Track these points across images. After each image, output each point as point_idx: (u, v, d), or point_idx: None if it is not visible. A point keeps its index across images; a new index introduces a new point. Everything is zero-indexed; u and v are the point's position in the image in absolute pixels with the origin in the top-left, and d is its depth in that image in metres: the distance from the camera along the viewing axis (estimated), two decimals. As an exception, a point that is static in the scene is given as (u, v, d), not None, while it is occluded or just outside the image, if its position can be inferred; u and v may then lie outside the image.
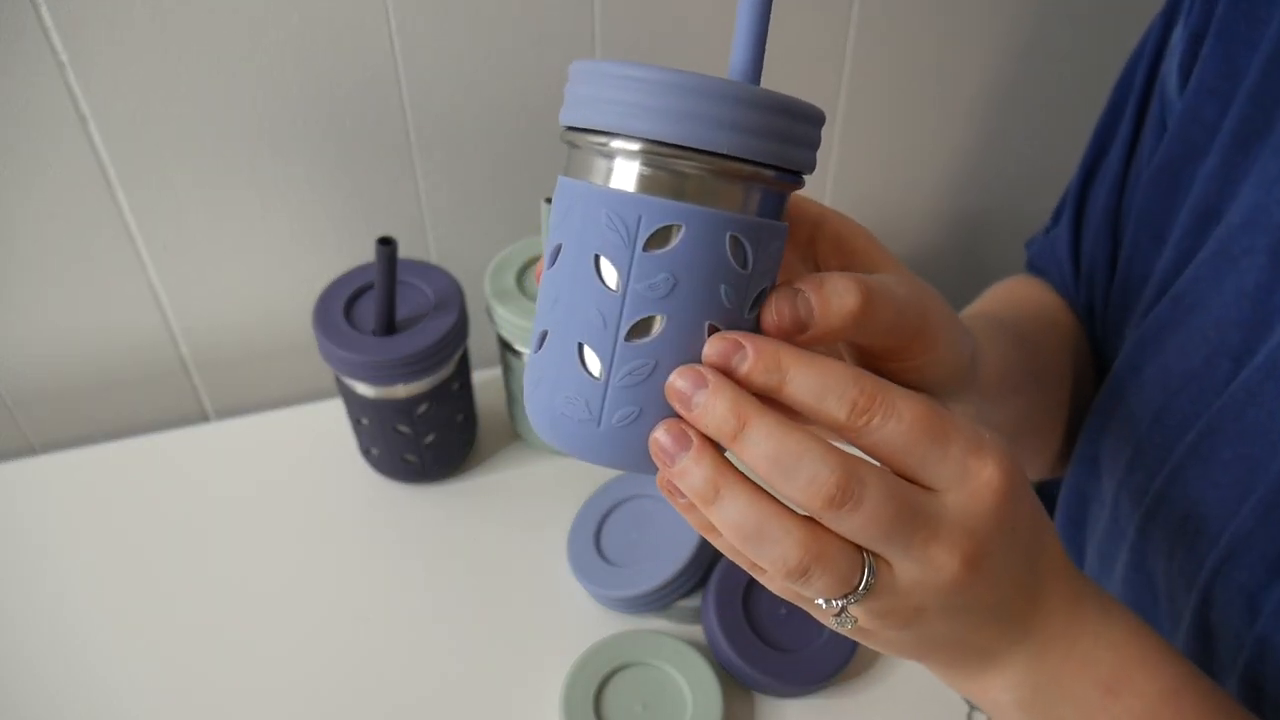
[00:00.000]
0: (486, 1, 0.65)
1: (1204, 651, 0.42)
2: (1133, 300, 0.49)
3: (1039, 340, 0.52)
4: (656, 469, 0.29)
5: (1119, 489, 0.47)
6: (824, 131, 0.35)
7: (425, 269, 0.66)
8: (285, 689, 0.58)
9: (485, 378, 0.75)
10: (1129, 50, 0.53)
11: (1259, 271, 0.40)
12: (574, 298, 0.28)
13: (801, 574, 0.28)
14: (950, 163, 0.87)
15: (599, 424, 0.28)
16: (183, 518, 0.67)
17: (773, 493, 0.29)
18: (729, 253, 0.28)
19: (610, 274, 0.28)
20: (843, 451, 0.28)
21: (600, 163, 0.28)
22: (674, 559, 0.60)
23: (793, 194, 0.31)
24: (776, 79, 0.47)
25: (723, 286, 0.28)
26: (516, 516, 0.68)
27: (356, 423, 0.66)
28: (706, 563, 0.61)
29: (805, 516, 0.29)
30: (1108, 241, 0.52)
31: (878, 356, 0.33)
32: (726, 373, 0.28)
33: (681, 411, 0.28)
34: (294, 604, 0.62)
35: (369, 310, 0.63)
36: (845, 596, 0.29)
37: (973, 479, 0.30)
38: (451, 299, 0.64)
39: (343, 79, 0.65)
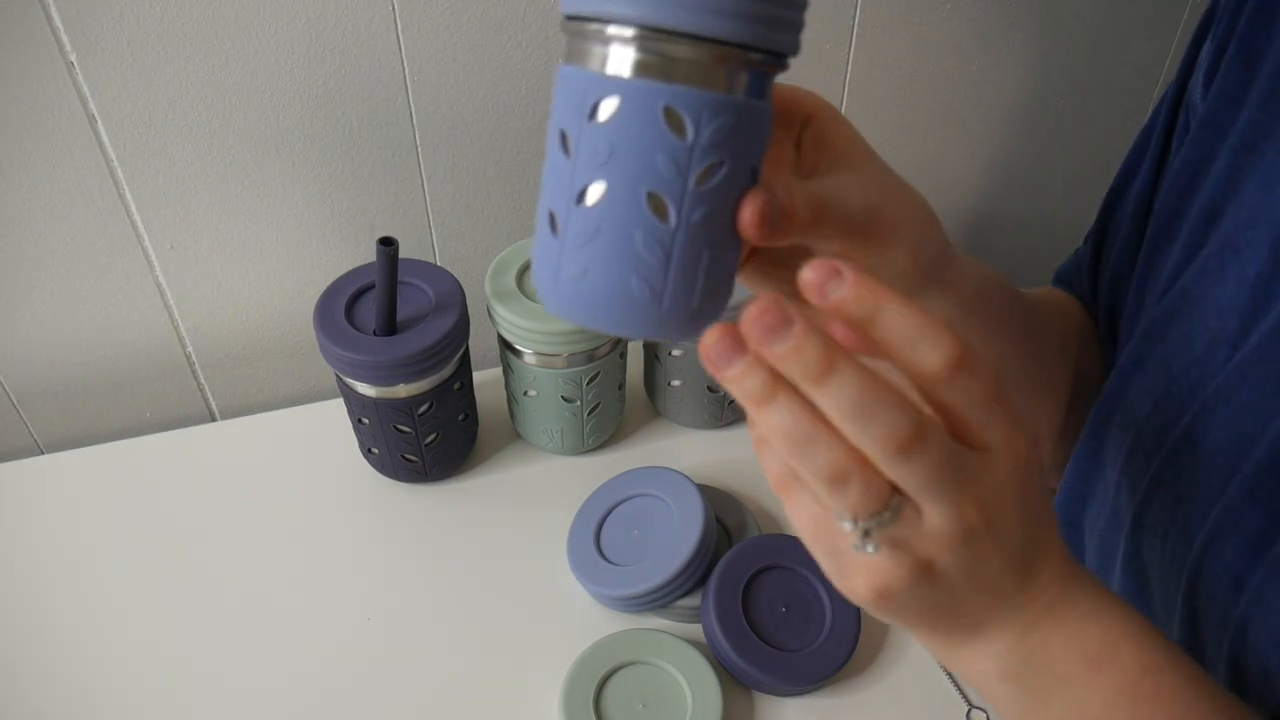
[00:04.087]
0: (492, 4, 0.66)
1: (1193, 638, 0.43)
2: (1147, 300, 0.50)
3: (1037, 308, 0.52)
4: (601, 325, 0.31)
5: (1120, 477, 0.48)
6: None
7: (427, 269, 0.66)
8: (286, 687, 0.58)
9: (486, 378, 0.76)
10: (1137, 57, 0.53)
11: (1260, 262, 0.41)
12: (548, 171, 0.32)
13: (842, 481, 0.30)
14: (951, 166, 0.87)
15: (557, 280, 0.31)
16: (185, 517, 0.68)
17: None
18: (664, 123, 0.29)
19: (571, 145, 0.31)
20: (911, 402, 0.30)
21: (573, 46, 0.32)
22: (674, 559, 0.60)
23: (796, 88, 0.33)
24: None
25: (659, 155, 0.30)
26: (516, 516, 0.68)
27: (358, 422, 0.67)
28: (706, 562, 0.61)
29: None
30: (1133, 250, 0.52)
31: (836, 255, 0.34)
32: (820, 295, 0.29)
33: (763, 349, 0.29)
34: (295, 602, 0.62)
35: (370, 310, 0.63)
36: (874, 516, 0.30)
37: (1013, 445, 0.31)
38: (452, 299, 0.64)
39: (349, 80, 0.66)
